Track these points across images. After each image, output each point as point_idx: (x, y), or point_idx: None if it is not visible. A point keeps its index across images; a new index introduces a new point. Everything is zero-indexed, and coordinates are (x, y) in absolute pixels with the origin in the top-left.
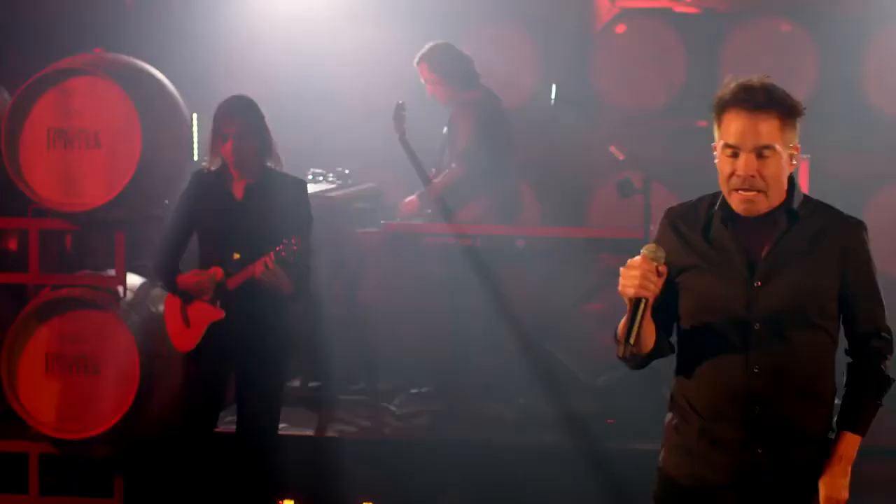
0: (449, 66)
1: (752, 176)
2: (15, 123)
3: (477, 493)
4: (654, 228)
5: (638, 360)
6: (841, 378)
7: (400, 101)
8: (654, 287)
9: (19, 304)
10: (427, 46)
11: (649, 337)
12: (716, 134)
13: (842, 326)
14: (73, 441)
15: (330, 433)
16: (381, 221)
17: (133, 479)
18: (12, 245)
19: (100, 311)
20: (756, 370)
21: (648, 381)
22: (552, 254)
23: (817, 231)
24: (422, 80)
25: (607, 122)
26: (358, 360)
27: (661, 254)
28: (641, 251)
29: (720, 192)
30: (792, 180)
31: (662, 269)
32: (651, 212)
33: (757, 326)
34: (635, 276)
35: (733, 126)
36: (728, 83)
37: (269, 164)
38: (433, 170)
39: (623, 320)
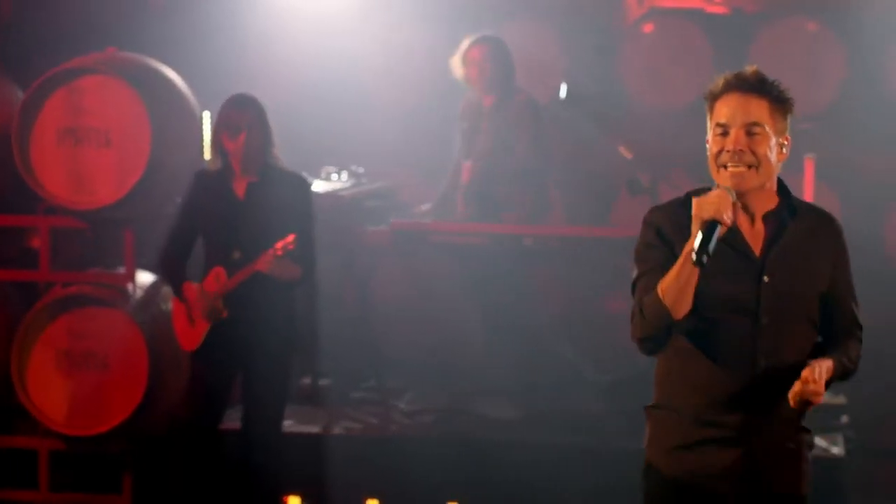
0: (505, 65)
1: (742, 150)
2: (26, 122)
3: (482, 491)
4: None
5: (669, 329)
6: None
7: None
8: (729, 216)
9: (34, 302)
10: (494, 35)
11: (689, 302)
12: (708, 126)
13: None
14: (82, 437)
15: (336, 430)
16: (391, 220)
17: (142, 476)
18: (36, 243)
19: (109, 308)
20: (762, 363)
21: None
22: (560, 252)
23: (811, 229)
24: (468, 58)
25: (634, 120)
26: (368, 357)
27: (734, 193)
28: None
29: (706, 188)
30: (781, 181)
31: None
32: None
33: (765, 321)
34: (713, 201)
35: (724, 108)
36: (720, 78)
37: (270, 160)
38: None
39: (675, 266)
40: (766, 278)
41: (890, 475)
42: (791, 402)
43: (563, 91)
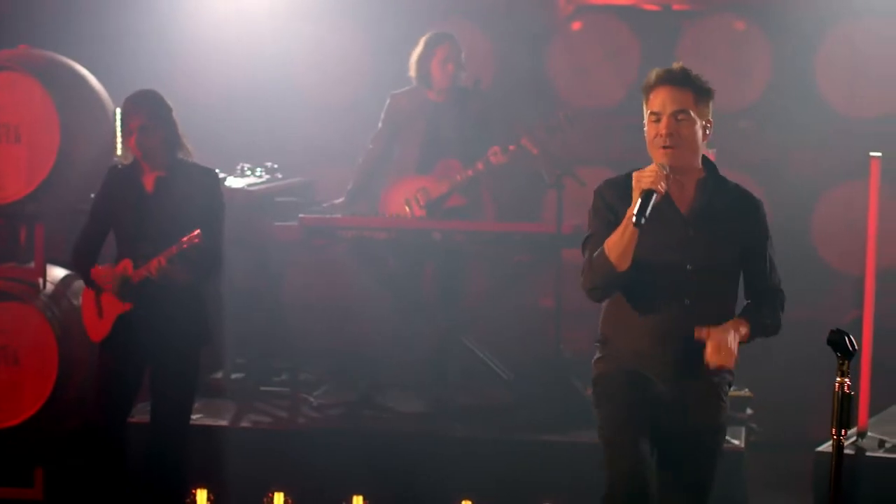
0: (461, 63)
1: (671, 133)
2: None
3: (388, 485)
4: (567, 222)
5: (613, 279)
6: None
7: None
8: (662, 186)
9: None
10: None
11: (629, 257)
12: (644, 111)
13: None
14: None
15: (245, 423)
16: (300, 215)
17: (53, 470)
18: None
19: (20, 302)
20: (688, 302)
21: (559, 375)
22: (470, 247)
23: (734, 200)
24: (436, 56)
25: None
26: (282, 352)
27: (667, 167)
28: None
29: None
30: (707, 158)
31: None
32: (564, 206)
33: (689, 268)
34: (650, 174)
35: (657, 98)
36: (652, 72)
37: (179, 155)
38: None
39: (619, 228)
40: (690, 232)
41: (789, 468)
42: (707, 368)
43: None
